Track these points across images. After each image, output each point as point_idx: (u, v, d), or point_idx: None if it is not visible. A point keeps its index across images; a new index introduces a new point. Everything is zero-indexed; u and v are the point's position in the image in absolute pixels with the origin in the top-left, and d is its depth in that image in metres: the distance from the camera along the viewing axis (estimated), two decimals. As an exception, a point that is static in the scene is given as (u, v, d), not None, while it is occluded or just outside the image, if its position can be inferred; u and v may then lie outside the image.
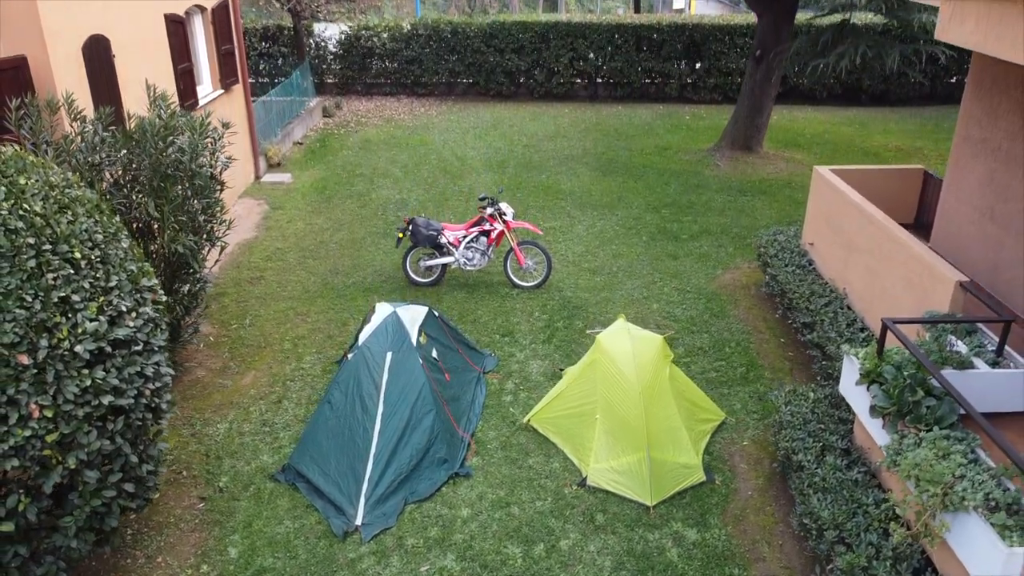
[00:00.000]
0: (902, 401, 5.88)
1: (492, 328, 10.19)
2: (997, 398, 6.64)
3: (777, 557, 6.65)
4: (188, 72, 12.60)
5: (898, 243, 8.14)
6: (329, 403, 7.62)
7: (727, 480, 7.51)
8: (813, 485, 6.37)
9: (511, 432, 8.18)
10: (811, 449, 6.72)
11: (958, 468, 5.28)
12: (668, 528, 6.93)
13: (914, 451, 5.53)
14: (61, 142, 7.67)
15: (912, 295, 7.88)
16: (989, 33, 5.29)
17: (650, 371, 7.59)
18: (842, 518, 5.95)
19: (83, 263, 5.25)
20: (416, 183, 15.80)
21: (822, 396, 7.48)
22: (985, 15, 5.31)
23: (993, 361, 6.61)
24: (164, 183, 7.96)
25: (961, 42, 5.81)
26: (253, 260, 12.22)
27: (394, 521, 6.96)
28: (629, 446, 7.37)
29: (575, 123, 20.86)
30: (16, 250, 4.85)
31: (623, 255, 12.40)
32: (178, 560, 6.61)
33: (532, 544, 6.77)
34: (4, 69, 8.39)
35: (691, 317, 10.45)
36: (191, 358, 9.44)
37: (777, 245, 10.73)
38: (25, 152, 5.78)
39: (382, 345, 7.76)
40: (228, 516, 7.07)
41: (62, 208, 5.36)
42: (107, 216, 5.85)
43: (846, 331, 8.50)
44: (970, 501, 5.01)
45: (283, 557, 6.62)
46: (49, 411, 4.88)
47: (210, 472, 7.61)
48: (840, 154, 17.95)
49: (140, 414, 5.57)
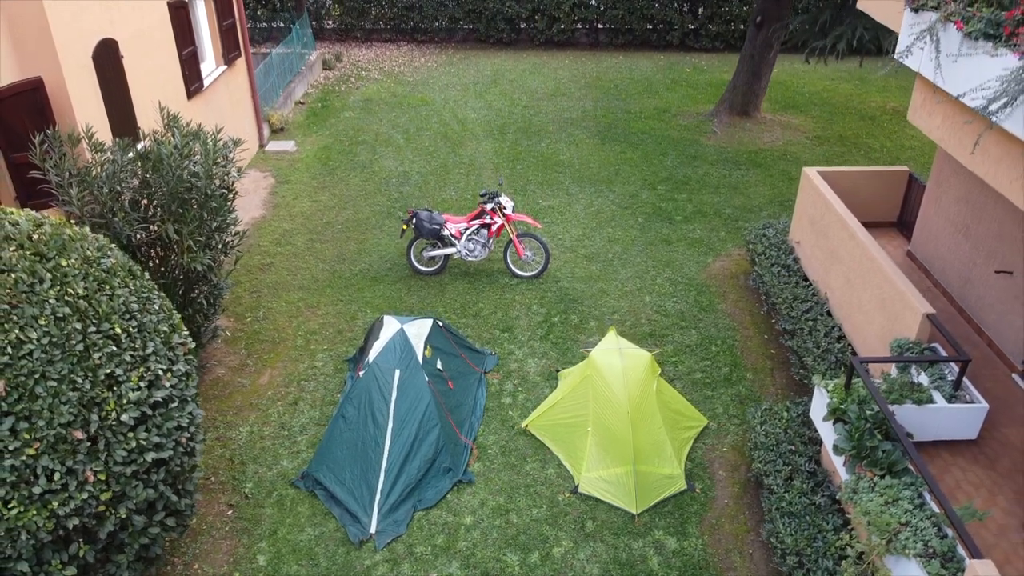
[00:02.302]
0: (861, 445, 6.54)
1: (492, 323, 10.79)
2: (952, 428, 7.33)
3: (747, 567, 7.45)
4: (192, 56, 12.76)
5: (875, 264, 8.63)
6: (343, 417, 8.30)
7: (706, 488, 8.26)
8: (780, 509, 7.11)
9: (510, 436, 8.89)
10: (781, 472, 7.44)
11: (904, 514, 5.98)
12: (651, 536, 7.72)
13: (868, 495, 6.23)
14: (83, 172, 8.07)
15: (885, 315, 8.44)
16: (952, 135, 5.66)
17: (638, 389, 8.24)
18: (803, 543, 6.70)
19: (123, 336, 5.81)
20: (418, 153, 16.08)
21: (795, 415, 8.14)
22: (950, 116, 5.65)
23: (950, 395, 7.25)
24: (182, 208, 8.40)
25: (927, 132, 6.17)
26: (263, 244, 12.70)
27: (404, 529, 7.74)
28: (617, 459, 8.09)
29: (576, 77, 20.88)
30: (65, 337, 5.40)
31: (619, 239, 12.88)
32: (213, 567, 7.42)
33: (528, 552, 7.57)
34: (22, 92, 8.71)
35: (681, 311, 11.04)
36: (211, 356, 10.08)
37: (765, 241, 11.20)
38: (61, 221, 6.24)
39: (391, 363, 8.38)
40: (255, 523, 7.85)
41: (101, 284, 5.87)
42: (139, 280, 6.37)
43: (823, 340, 9.09)
44: (911, 550, 5.73)
45: (306, 564, 7.42)
46: (102, 474, 5.54)
47: (235, 478, 8.36)
48: (837, 117, 18.12)
49: (179, 460, 6.23)
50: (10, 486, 5.11)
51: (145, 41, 11.16)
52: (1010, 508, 6.85)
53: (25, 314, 5.27)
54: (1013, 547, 6.50)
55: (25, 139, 8.79)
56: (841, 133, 17.22)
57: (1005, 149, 5.67)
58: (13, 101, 8.61)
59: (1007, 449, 7.39)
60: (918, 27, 5.98)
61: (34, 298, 5.38)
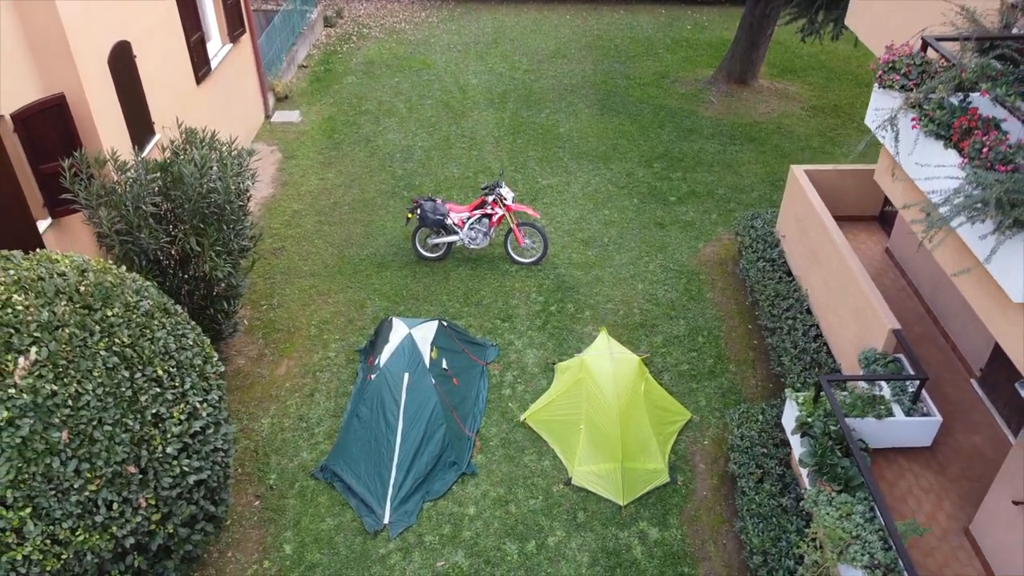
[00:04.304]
0: (823, 462, 7.32)
1: (493, 312, 11.49)
2: (909, 437, 8.12)
3: (720, 556, 8.36)
4: (200, 41, 13.04)
5: (851, 275, 9.25)
6: (358, 416, 9.09)
7: (687, 480, 9.12)
8: (750, 511, 7.96)
9: (510, 429, 9.71)
10: (753, 474, 8.26)
11: (855, 528, 6.81)
12: (635, 527, 8.61)
13: (826, 508, 7.05)
14: (110, 192, 8.62)
15: (857, 323, 9.11)
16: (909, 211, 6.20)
17: (627, 392, 9.00)
18: (768, 544, 7.58)
19: (165, 377, 6.52)
20: (420, 125, 16.44)
21: (770, 417, 8.93)
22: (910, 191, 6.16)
23: (909, 408, 8.00)
24: (204, 223, 8.98)
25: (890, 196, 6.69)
26: (274, 226, 13.28)
27: (415, 519, 8.63)
28: (607, 456, 8.91)
29: (576, 35, 20.95)
30: (115, 385, 6.11)
31: (615, 222, 13.44)
32: (244, 555, 8.34)
33: (526, 541, 8.47)
34: (47, 109, 9.17)
35: (671, 300, 11.71)
36: (232, 346, 10.81)
37: (753, 232, 11.77)
38: (101, 265, 6.86)
39: (400, 367, 9.13)
40: (280, 514, 8.73)
41: (143, 329, 6.54)
42: (173, 317, 7.03)
43: (801, 340, 9.80)
44: (858, 562, 6.58)
45: (328, 553, 8.33)
46: (152, 499, 6.34)
47: (260, 470, 9.22)
48: (833, 83, 18.36)
49: (217, 477, 7.04)
50: (76, 517, 5.91)
51: (155, 36, 11.47)
52: (954, 513, 7.69)
53: (80, 368, 5.97)
54: (953, 550, 7.37)
55: (50, 151, 9.30)
56: (836, 102, 17.51)
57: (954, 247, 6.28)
58: (38, 118, 9.09)
59: (958, 455, 8.19)
60: (883, 111, 6.44)
61: (87, 351, 6.06)
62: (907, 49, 6.46)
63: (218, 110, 13.91)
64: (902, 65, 6.28)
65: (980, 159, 5.09)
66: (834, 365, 9.42)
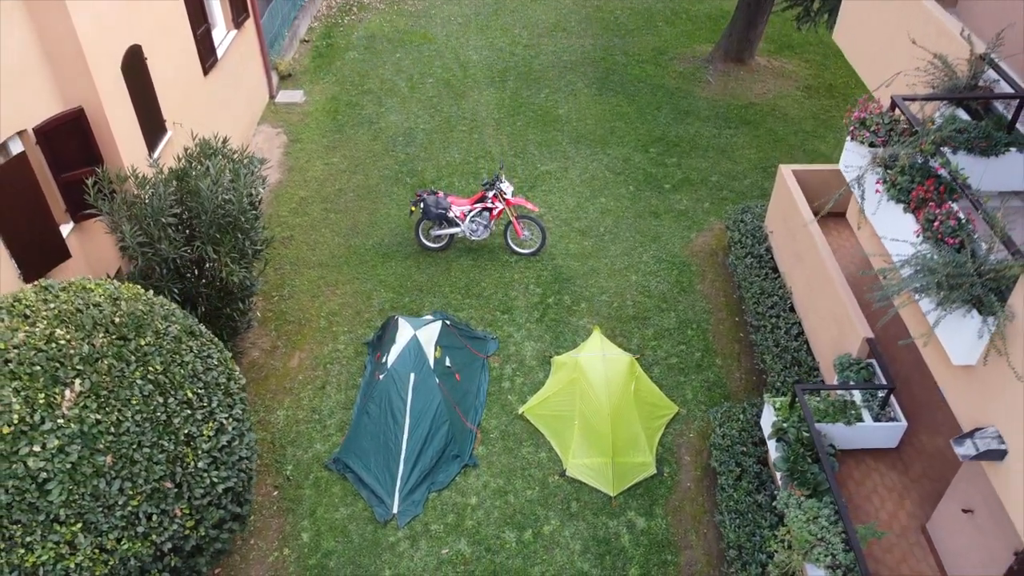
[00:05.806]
0: (795, 468, 8.02)
1: (493, 304, 12.08)
2: (877, 439, 8.81)
3: (701, 544, 9.14)
4: (206, 33, 13.32)
5: (830, 281, 9.80)
6: (367, 413, 9.78)
7: (673, 472, 9.85)
8: (728, 507, 8.69)
9: (509, 421, 10.40)
10: (732, 472, 8.98)
11: (821, 530, 7.54)
12: (624, 516, 9.38)
13: (795, 512, 7.77)
14: (131, 206, 9.13)
15: (835, 327, 9.71)
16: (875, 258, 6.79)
17: (618, 391, 9.67)
18: (743, 539, 8.33)
19: (194, 399, 7.16)
20: (422, 105, 16.75)
21: (751, 416, 9.60)
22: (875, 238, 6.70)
23: (877, 413, 8.67)
24: (220, 233, 9.51)
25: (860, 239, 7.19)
26: (282, 214, 13.77)
27: (421, 509, 9.39)
28: (599, 451, 9.63)
29: (576, 6, 21.02)
30: (151, 411, 6.75)
31: (611, 210, 13.93)
32: (265, 543, 9.11)
33: (523, 530, 9.24)
34: (66, 121, 9.60)
35: (663, 292, 12.30)
36: (247, 339, 11.44)
37: (743, 227, 12.28)
38: (131, 293, 7.42)
39: (406, 367, 9.78)
40: (297, 503, 9.48)
41: (173, 355, 7.15)
42: (199, 338, 7.63)
43: (783, 338, 10.41)
44: (821, 563, 7.32)
45: (342, 541, 9.11)
46: (186, 509, 7.05)
47: (277, 461, 9.94)
48: (830, 61, 18.58)
49: (242, 482, 7.74)
50: (121, 529, 6.61)
51: (164, 35, 11.78)
52: (914, 511, 8.43)
53: (120, 397, 6.60)
54: (910, 547, 8.12)
55: (71, 160, 9.78)
56: (831, 82, 17.78)
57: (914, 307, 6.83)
58: (59, 130, 9.53)
59: (921, 456, 8.89)
60: (852, 168, 6.89)
61: (124, 381, 6.69)
62: (877, 108, 6.89)
63: (224, 98, 14.25)
64: (872, 123, 6.72)
65: (932, 231, 5.61)
66: (813, 364, 10.06)
